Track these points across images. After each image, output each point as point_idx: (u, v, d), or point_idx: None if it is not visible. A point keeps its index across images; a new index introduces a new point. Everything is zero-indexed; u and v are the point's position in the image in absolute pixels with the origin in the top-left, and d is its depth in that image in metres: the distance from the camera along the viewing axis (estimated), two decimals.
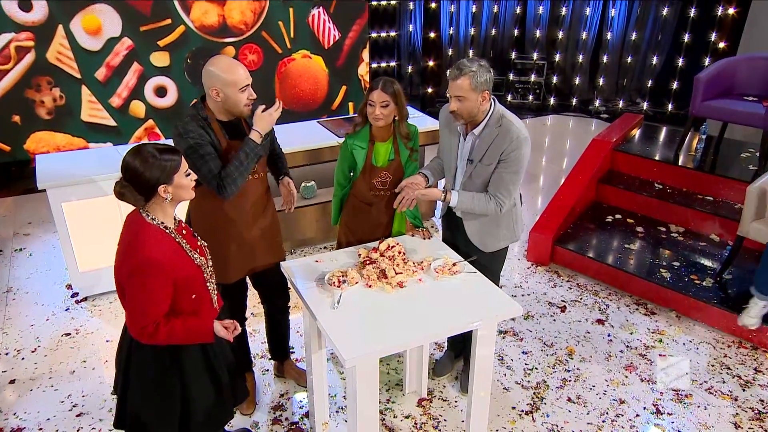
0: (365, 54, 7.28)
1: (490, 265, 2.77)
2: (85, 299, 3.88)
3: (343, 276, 2.49)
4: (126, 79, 6.04)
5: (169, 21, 6.06)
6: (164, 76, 6.20)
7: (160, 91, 6.25)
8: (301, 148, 4.26)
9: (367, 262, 2.59)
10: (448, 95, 2.54)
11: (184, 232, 2.07)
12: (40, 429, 2.87)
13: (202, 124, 2.43)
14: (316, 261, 2.67)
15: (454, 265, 2.60)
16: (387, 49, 7.92)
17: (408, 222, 3.03)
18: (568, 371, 3.31)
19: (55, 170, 3.72)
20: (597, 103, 7.86)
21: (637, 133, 5.43)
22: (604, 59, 7.69)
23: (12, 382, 3.18)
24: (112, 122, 6.10)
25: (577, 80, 7.91)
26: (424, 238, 2.85)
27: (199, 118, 2.44)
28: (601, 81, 7.79)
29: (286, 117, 6.78)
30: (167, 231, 1.98)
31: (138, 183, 1.90)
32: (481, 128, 2.57)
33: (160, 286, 1.93)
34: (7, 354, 3.39)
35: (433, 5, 7.92)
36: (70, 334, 3.56)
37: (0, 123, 5.67)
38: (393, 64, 8.03)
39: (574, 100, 7.96)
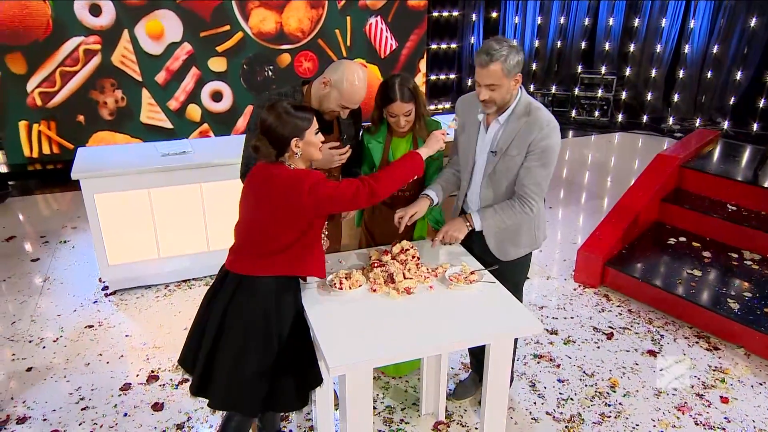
0: (422, 64, 7.12)
1: (510, 276, 2.47)
2: (114, 293, 3.88)
3: (347, 277, 2.29)
4: (184, 83, 6.17)
5: (227, 27, 6.16)
6: (221, 81, 6.30)
7: (216, 96, 6.34)
8: None
9: (376, 264, 2.37)
10: (476, 83, 2.28)
11: None
12: (44, 419, 2.83)
13: None
14: None
15: (471, 273, 2.33)
16: (447, 61, 7.74)
17: (430, 227, 2.80)
18: (609, 405, 2.93)
19: (93, 162, 3.76)
20: (671, 120, 7.29)
21: (711, 150, 4.92)
22: (681, 74, 7.14)
23: (29, 370, 3.18)
24: (168, 125, 6.25)
25: (650, 96, 7.38)
26: (445, 244, 2.57)
27: (289, 99, 2.35)
28: (676, 97, 7.23)
29: None
30: None
31: (272, 137, 2.03)
32: (507, 115, 2.31)
33: None
34: (30, 341, 3.40)
35: (494, 15, 7.68)
36: (92, 326, 3.54)
37: (66, 122, 5.93)
38: (453, 76, 7.84)
39: (645, 117, 7.42)
